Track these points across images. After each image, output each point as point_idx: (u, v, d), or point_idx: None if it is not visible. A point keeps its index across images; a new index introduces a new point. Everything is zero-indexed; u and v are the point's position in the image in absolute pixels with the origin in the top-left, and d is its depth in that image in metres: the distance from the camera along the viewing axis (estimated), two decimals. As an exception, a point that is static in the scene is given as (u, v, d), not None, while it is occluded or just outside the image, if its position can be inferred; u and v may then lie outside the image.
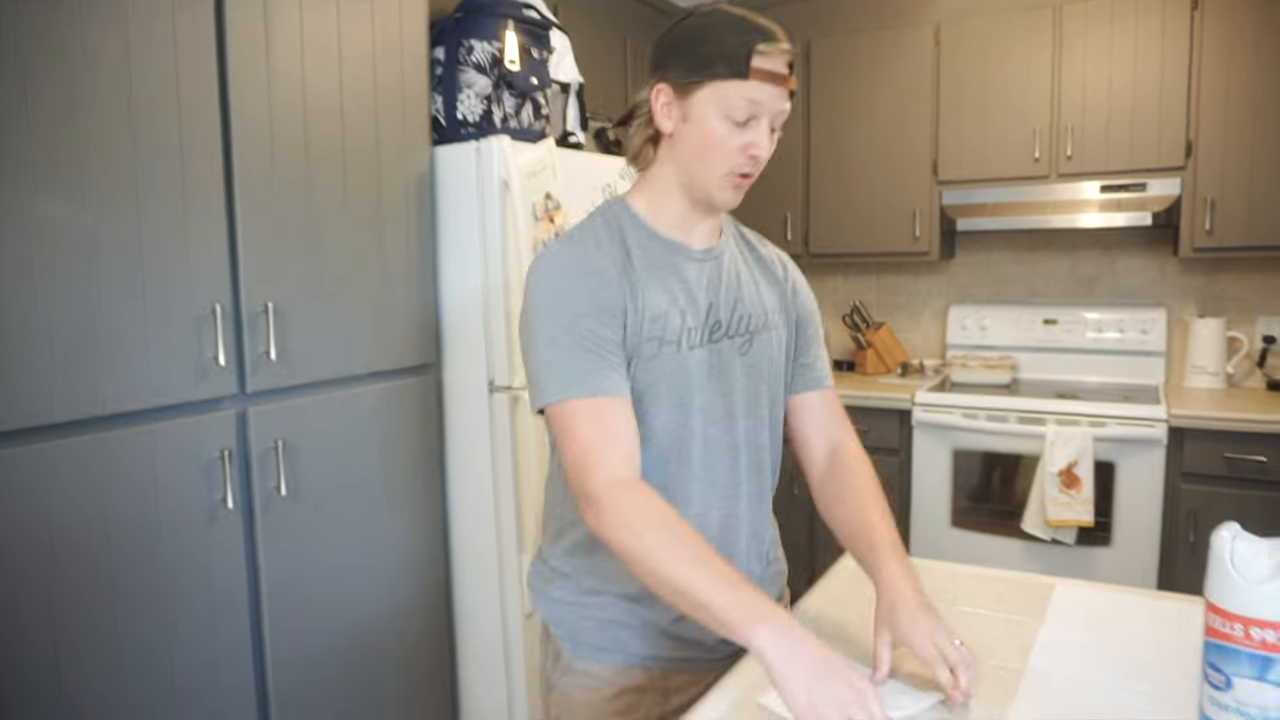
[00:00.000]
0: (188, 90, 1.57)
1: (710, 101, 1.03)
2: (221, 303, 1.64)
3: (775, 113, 1.06)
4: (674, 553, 0.93)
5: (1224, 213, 2.76)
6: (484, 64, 2.11)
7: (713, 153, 1.05)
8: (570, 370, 1.01)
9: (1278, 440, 2.50)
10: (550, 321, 1.03)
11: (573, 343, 1.02)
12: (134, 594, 1.52)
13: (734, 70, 1.01)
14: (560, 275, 1.06)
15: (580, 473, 1.00)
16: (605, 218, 1.12)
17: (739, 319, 1.15)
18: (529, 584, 1.24)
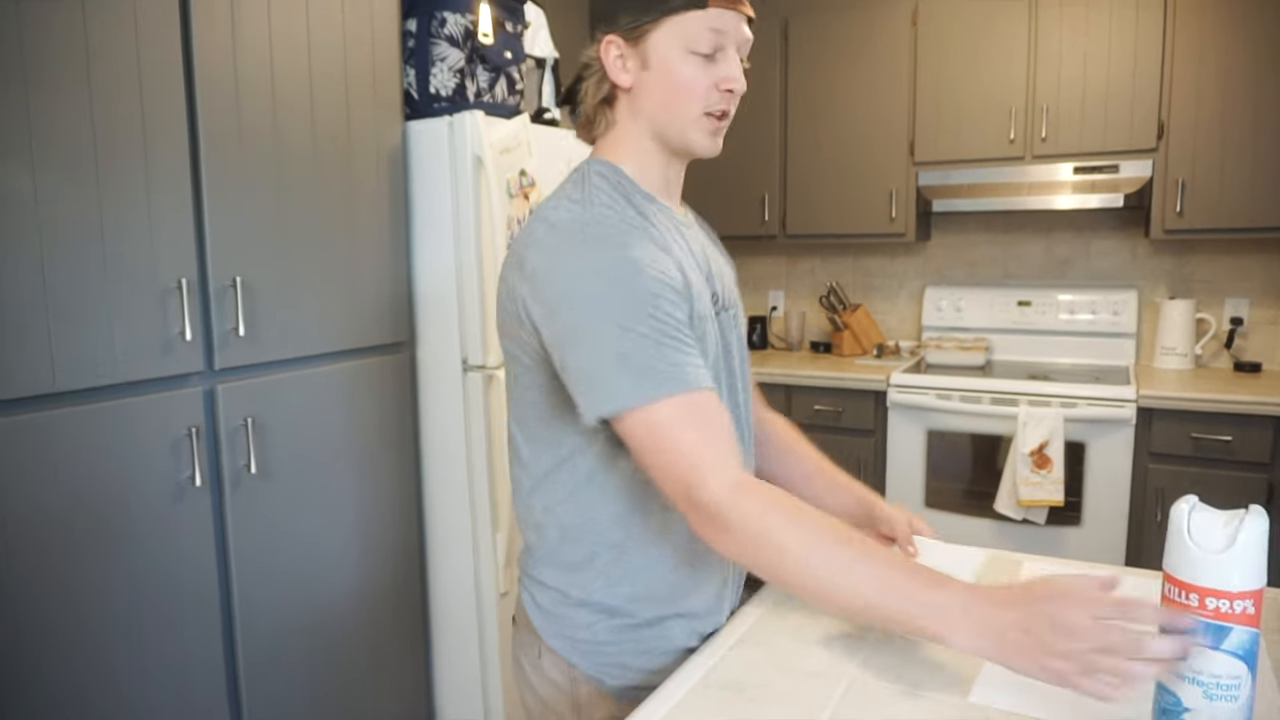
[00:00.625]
0: (150, 58, 1.53)
1: (671, 39, 0.95)
2: (187, 277, 1.61)
3: (742, 40, 0.98)
4: (830, 562, 0.83)
5: (1194, 195, 2.79)
6: (457, 37, 2.08)
7: (683, 94, 0.96)
8: (657, 363, 0.86)
9: (1243, 420, 2.54)
10: (616, 306, 0.87)
11: (652, 329, 0.86)
12: (98, 575, 1.50)
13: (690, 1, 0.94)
14: (609, 249, 0.90)
15: (687, 484, 0.86)
16: (608, 181, 0.99)
17: (726, 290, 1.09)
18: (539, 624, 1.07)
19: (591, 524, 1.02)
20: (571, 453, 1.00)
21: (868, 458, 3.09)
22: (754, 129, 3.45)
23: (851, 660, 1.01)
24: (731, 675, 0.98)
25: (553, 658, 1.06)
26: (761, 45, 3.40)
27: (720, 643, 1.06)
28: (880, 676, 0.97)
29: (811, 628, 1.10)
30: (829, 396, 3.12)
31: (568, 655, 1.05)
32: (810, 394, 3.15)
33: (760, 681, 0.96)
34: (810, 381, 3.14)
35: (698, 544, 1.05)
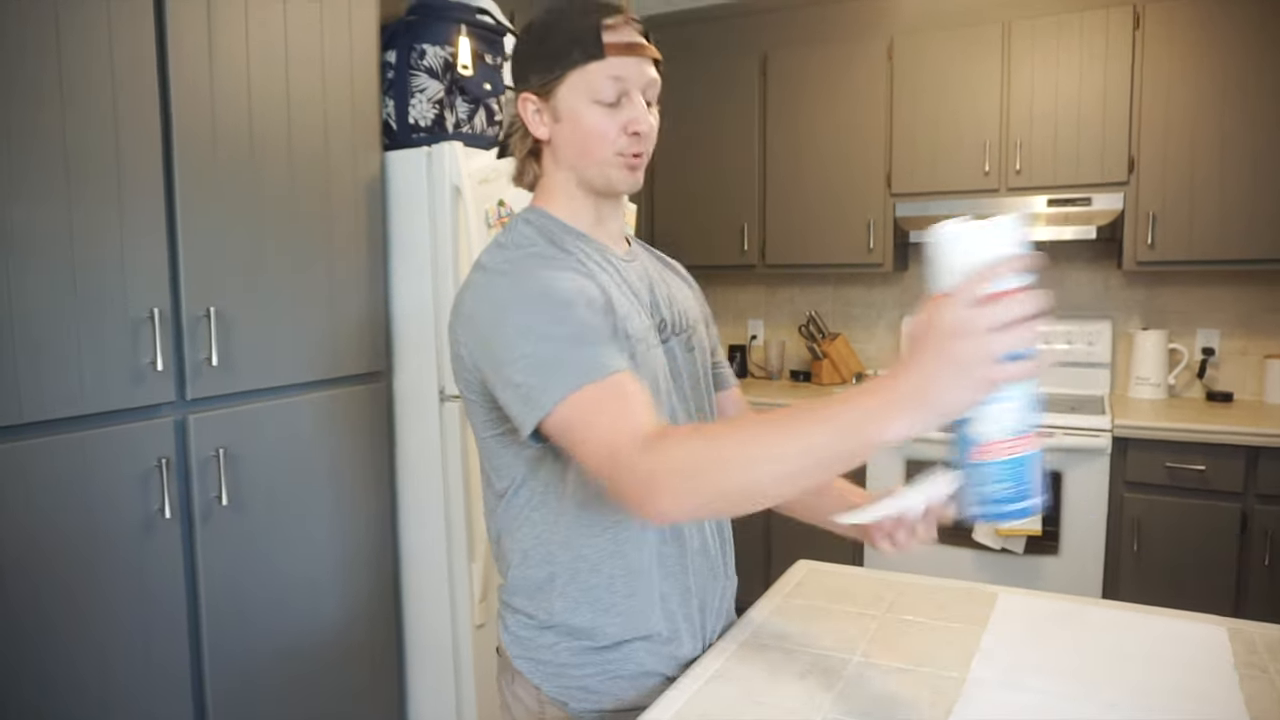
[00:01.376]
0: (125, 84, 1.53)
1: (575, 91, 1.00)
2: (160, 307, 1.59)
3: (645, 83, 1.02)
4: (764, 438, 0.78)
5: (1165, 227, 2.84)
6: (436, 68, 2.09)
7: (593, 141, 1.01)
8: (572, 359, 0.88)
9: (1216, 450, 2.56)
10: (535, 322, 0.91)
11: (568, 334, 0.90)
12: (64, 609, 1.47)
13: (588, 52, 0.98)
14: (526, 278, 0.95)
15: (611, 469, 0.84)
16: (533, 226, 1.05)
17: (678, 315, 1.13)
18: (510, 648, 1.10)
19: (545, 546, 1.05)
20: (522, 479, 1.04)
21: (847, 487, 3.09)
22: (733, 160, 3.49)
23: (826, 696, 1.00)
24: (704, 711, 0.97)
25: (522, 681, 1.09)
26: (741, 78, 3.44)
27: (694, 677, 1.05)
28: (854, 712, 0.96)
29: (785, 664, 1.09)
30: (808, 425, 3.12)
31: (534, 678, 1.08)
32: (789, 423, 3.15)
33: (734, 717, 0.95)
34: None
35: (654, 566, 1.06)
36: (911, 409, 0.72)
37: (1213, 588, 2.58)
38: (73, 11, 1.44)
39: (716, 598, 1.17)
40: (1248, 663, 1.07)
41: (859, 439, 0.75)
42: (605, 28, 0.99)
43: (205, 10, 1.66)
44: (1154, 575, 2.65)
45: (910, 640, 1.15)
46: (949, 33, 3.10)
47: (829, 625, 1.21)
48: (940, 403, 0.71)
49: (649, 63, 1.02)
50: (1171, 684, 1.01)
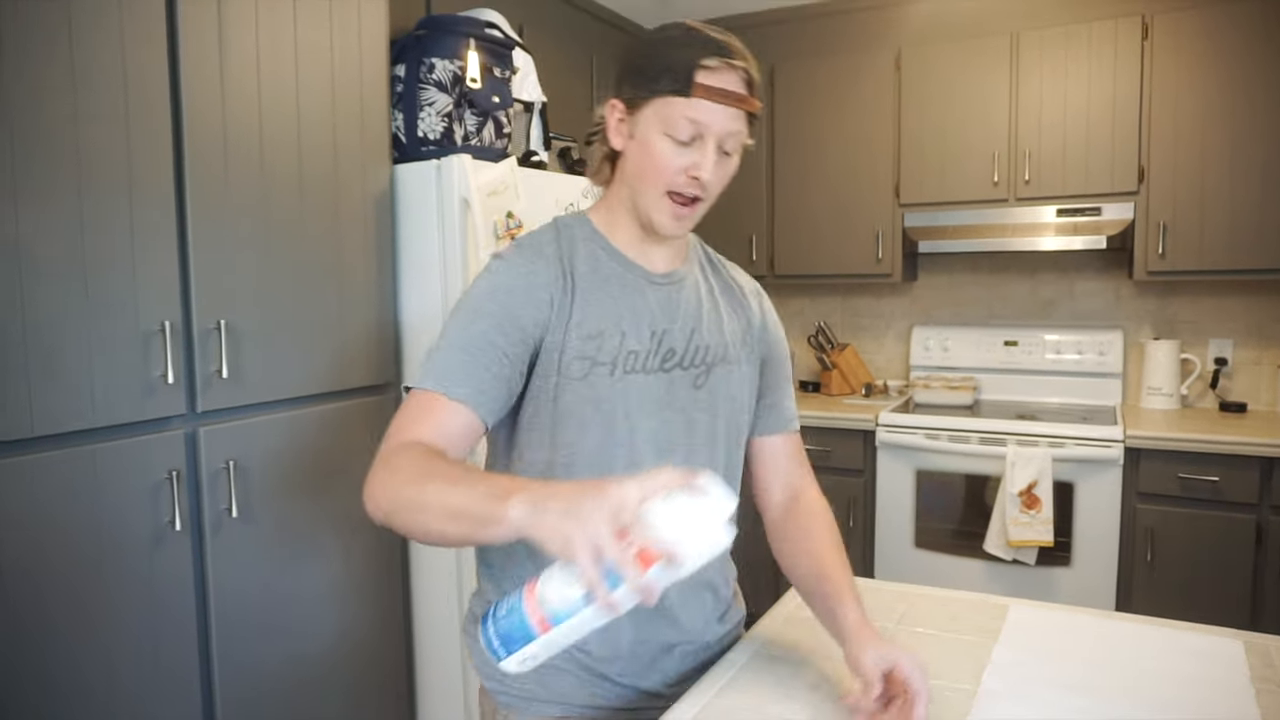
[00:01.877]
0: (136, 99, 1.54)
1: (654, 118, 1.00)
2: (171, 319, 1.60)
3: (724, 134, 1.00)
4: (425, 480, 0.87)
5: (1176, 237, 2.82)
6: (445, 82, 2.11)
7: (652, 171, 1.01)
8: (441, 367, 0.98)
9: (1229, 460, 2.54)
10: (455, 320, 1.02)
11: (461, 343, 0.99)
12: (75, 621, 1.47)
13: (676, 86, 0.98)
14: (485, 279, 1.04)
15: (383, 447, 0.96)
16: (558, 228, 1.10)
17: (695, 349, 1.10)
18: (489, 679, 1.13)
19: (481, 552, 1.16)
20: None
21: (857, 497, 3.08)
22: (742, 171, 3.43)
23: (837, 708, 0.99)
24: (714, 726, 0.96)
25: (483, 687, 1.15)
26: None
27: (702, 690, 1.05)
28: (864, 727, 0.95)
29: (796, 676, 1.09)
30: (818, 436, 3.12)
31: (476, 664, 1.14)
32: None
33: (743, 733, 0.95)
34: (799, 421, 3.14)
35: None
36: (524, 510, 0.76)
37: (1227, 599, 2.55)
38: (86, 26, 1.46)
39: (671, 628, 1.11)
40: (1264, 677, 1.06)
41: (479, 510, 0.80)
42: (701, 67, 0.97)
43: (216, 24, 1.67)
44: (1167, 587, 2.63)
45: (921, 652, 1.14)
46: (957, 44, 3.10)
47: (839, 638, 1.20)
48: (540, 519, 0.75)
49: (739, 114, 1.00)
50: (1186, 698, 1.00)
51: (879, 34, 3.33)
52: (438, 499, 0.84)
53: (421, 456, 0.90)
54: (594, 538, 0.72)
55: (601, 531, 0.72)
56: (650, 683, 1.12)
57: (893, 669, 0.94)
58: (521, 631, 0.77)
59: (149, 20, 1.56)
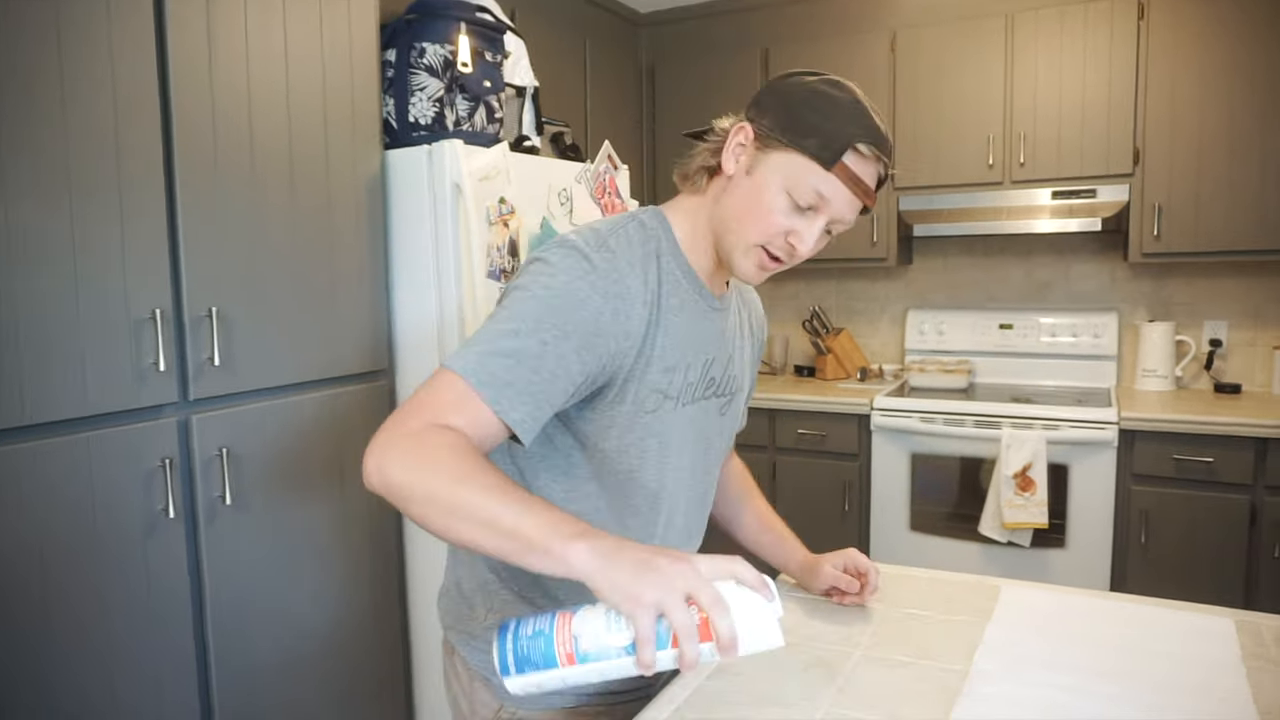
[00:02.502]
0: (125, 85, 1.53)
1: (782, 169, 0.94)
2: (162, 307, 1.59)
3: (838, 218, 0.97)
4: (466, 482, 0.80)
5: (1171, 219, 2.82)
6: (436, 67, 2.09)
7: (757, 220, 0.96)
8: (502, 373, 0.86)
9: (1224, 441, 2.55)
10: (534, 314, 0.89)
11: (534, 355, 0.87)
12: (69, 610, 1.47)
13: (822, 155, 0.93)
14: (578, 276, 0.91)
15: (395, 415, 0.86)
16: (645, 233, 1.00)
17: (729, 379, 1.10)
18: (450, 630, 1.14)
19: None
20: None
21: (852, 480, 3.08)
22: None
23: (828, 689, 1.00)
24: (704, 708, 0.97)
25: (458, 657, 1.13)
26: (742, 74, 3.43)
27: (692, 676, 1.05)
28: (857, 706, 0.96)
29: (788, 658, 1.09)
30: (813, 420, 3.12)
31: (463, 650, 1.11)
32: (794, 418, 3.15)
33: (735, 716, 0.95)
34: (794, 405, 3.14)
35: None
36: (589, 557, 0.75)
37: (1222, 580, 2.56)
38: (72, 14, 1.44)
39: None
40: (1255, 654, 1.06)
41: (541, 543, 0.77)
42: (854, 150, 0.93)
43: (205, 11, 1.66)
44: (1162, 568, 2.64)
45: (914, 634, 1.15)
46: (951, 26, 3.08)
47: (833, 618, 1.21)
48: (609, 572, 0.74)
49: (860, 207, 0.97)
50: (1177, 677, 1.01)
51: (873, 16, 3.31)
52: (484, 510, 0.78)
53: (467, 454, 0.82)
54: (666, 599, 0.73)
55: (675, 596, 0.73)
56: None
57: (845, 564, 1.24)
58: (543, 659, 0.77)
59: (136, 6, 1.54)
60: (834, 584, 1.24)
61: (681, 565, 0.75)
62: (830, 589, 1.25)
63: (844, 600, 1.24)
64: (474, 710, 1.11)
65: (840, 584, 1.23)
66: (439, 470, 0.80)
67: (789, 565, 1.31)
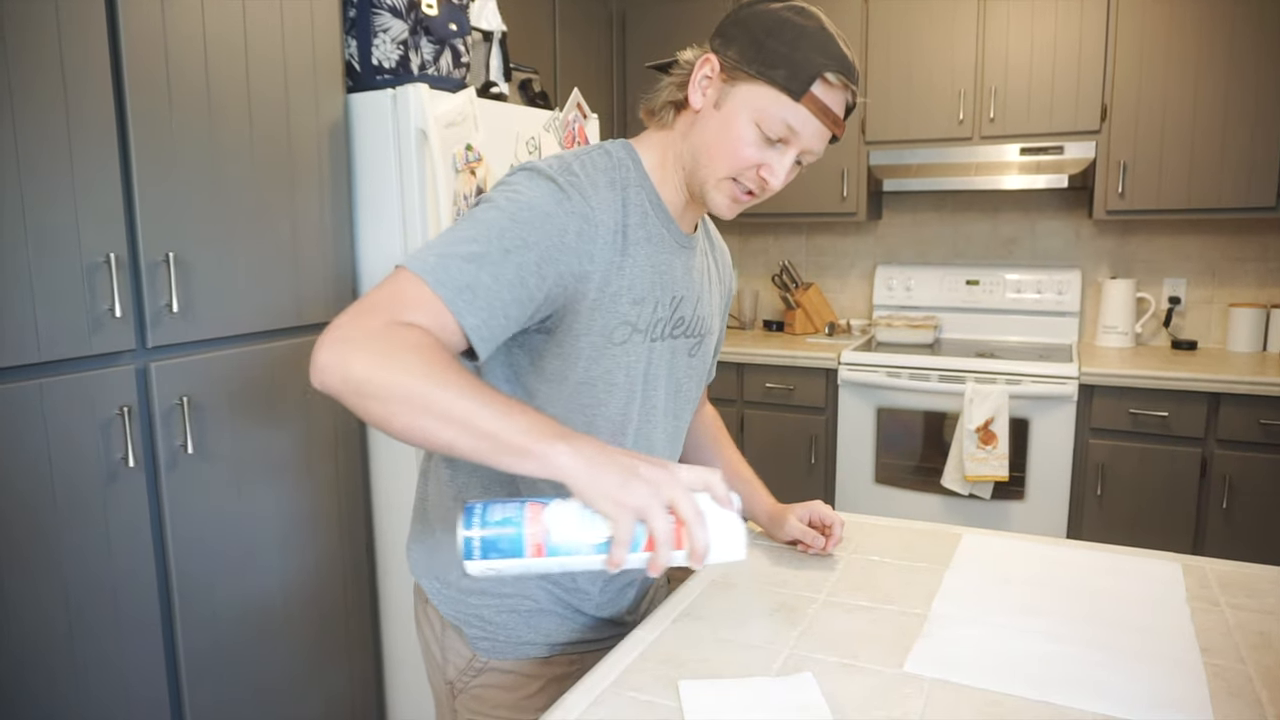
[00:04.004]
0: (70, 20, 1.46)
1: (750, 102, 0.93)
2: (116, 252, 1.55)
3: (808, 149, 0.96)
4: (439, 380, 0.76)
5: (1135, 177, 2.85)
6: (399, 7, 2.03)
7: (726, 153, 0.95)
8: (459, 276, 0.83)
9: (1179, 396, 2.61)
10: (497, 224, 0.87)
11: (494, 262, 0.85)
12: (27, 561, 1.45)
13: (791, 85, 0.91)
14: (545, 194, 0.90)
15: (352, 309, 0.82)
16: (611, 161, 0.98)
17: (698, 319, 1.09)
18: (422, 578, 1.13)
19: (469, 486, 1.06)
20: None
21: (819, 434, 3.12)
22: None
23: (791, 633, 1.02)
24: (671, 650, 0.98)
25: (429, 603, 1.13)
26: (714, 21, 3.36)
27: (661, 617, 1.06)
28: (818, 649, 0.98)
29: (753, 603, 1.11)
30: (781, 374, 3.14)
31: (435, 600, 1.11)
32: (762, 372, 3.17)
33: (700, 656, 0.97)
34: (762, 360, 3.16)
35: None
36: (573, 460, 0.76)
37: (1173, 530, 2.65)
38: (12, -60, 1.37)
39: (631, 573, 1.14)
40: (1199, 596, 1.10)
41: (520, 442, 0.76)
42: (823, 79, 0.91)
43: (155, -59, 1.59)
44: (1117, 519, 2.72)
45: (876, 580, 1.17)
46: (925, -24, 3.05)
47: (797, 565, 1.23)
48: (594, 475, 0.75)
49: (829, 136, 0.96)
50: (1125, 617, 1.04)
51: (848, -34, 3.26)
52: (460, 410, 0.75)
53: (438, 351, 0.79)
54: (648, 506, 0.75)
55: (657, 504, 0.75)
56: (615, 611, 1.15)
57: (810, 516, 1.27)
58: (510, 547, 0.78)
59: (80, -67, 1.47)
60: (799, 537, 1.26)
61: (664, 473, 0.77)
62: (795, 540, 1.27)
63: (808, 550, 1.26)
64: (446, 659, 1.11)
65: (805, 539, 1.25)
66: (409, 367, 0.76)
67: (756, 514, 1.33)
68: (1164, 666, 0.92)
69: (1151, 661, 0.93)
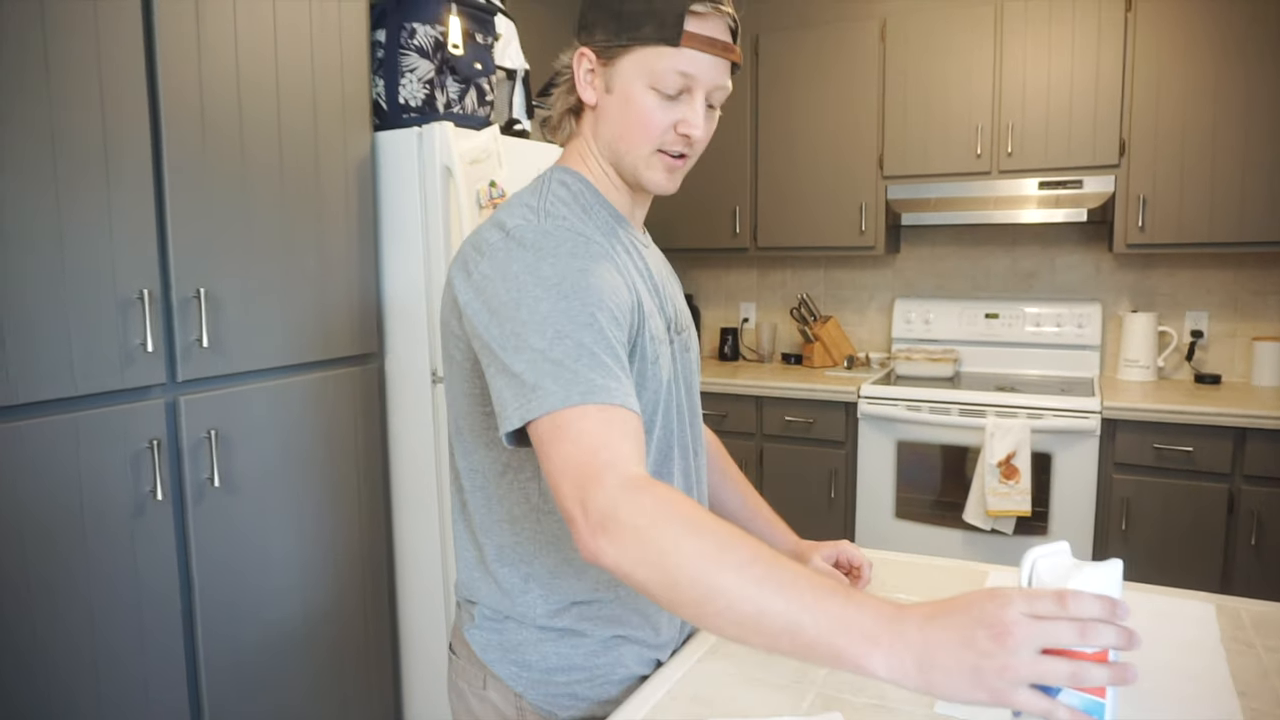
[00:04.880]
0: (112, 65, 1.51)
1: (637, 70, 0.91)
2: (150, 287, 1.58)
3: (713, 86, 0.92)
4: (740, 576, 0.68)
5: (1156, 210, 2.84)
6: (427, 48, 2.08)
7: (638, 129, 0.93)
8: (585, 373, 0.79)
9: (1204, 431, 2.58)
10: (559, 315, 0.82)
11: (589, 341, 0.81)
12: (55, 592, 1.46)
13: (664, 34, 0.88)
14: (560, 259, 0.85)
15: (581, 478, 0.75)
16: (570, 191, 0.96)
17: (679, 314, 1.07)
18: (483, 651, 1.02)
19: (526, 543, 0.98)
20: (506, 467, 0.97)
21: (839, 468, 3.10)
22: (725, 143, 3.48)
23: (819, 671, 1.01)
24: (697, 690, 0.98)
25: (499, 686, 1.01)
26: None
27: (686, 657, 1.06)
28: (846, 689, 0.97)
29: (779, 640, 1.10)
30: (800, 408, 3.14)
31: (515, 685, 1.00)
32: (781, 405, 3.16)
33: (728, 695, 0.96)
34: (781, 393, 3.16)
35: None
36: (899, 662, 0.64)
37: (1200, 567, 2.61)
38: (58, -13, 1.42)
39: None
40: (1234, 637, 1.08)
41: (825, 647, 0.66)
42: (691, 13, 0.89)
43: (192, -13, 1.64)
44: (1142, 555, 2.68)
45: (902, 617, 1.16)
46: (941, 14, 3.09)
47: (821, 603, 1.22)
48: (932, 680, 0.63)
49: (726, 65, 0.93)
50: (1159, 659, 1.02)
51: (863, 4, 3.31)
52: (754, 602, 0.67)
53: (699, 515, 0.72)
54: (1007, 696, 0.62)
55: (1015, 691, 0.61)
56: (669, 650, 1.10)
57: (837, 556, 1.22)
58: None
59: (122, -20, 1.52)
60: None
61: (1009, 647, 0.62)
62: None
63: None
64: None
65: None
66: (688, 547, 0.70)
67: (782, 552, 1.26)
68: (1200, 710, 0.91)
69: (1187, 705, 0.92)
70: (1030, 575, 0.72)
